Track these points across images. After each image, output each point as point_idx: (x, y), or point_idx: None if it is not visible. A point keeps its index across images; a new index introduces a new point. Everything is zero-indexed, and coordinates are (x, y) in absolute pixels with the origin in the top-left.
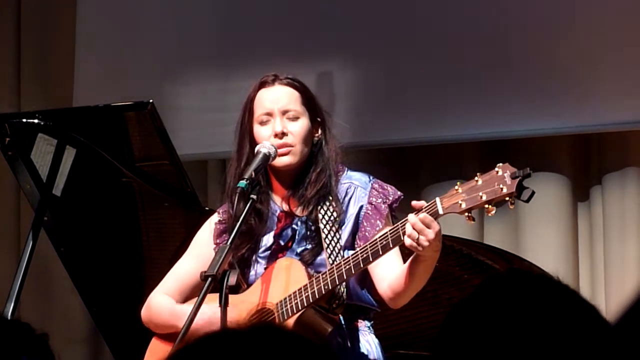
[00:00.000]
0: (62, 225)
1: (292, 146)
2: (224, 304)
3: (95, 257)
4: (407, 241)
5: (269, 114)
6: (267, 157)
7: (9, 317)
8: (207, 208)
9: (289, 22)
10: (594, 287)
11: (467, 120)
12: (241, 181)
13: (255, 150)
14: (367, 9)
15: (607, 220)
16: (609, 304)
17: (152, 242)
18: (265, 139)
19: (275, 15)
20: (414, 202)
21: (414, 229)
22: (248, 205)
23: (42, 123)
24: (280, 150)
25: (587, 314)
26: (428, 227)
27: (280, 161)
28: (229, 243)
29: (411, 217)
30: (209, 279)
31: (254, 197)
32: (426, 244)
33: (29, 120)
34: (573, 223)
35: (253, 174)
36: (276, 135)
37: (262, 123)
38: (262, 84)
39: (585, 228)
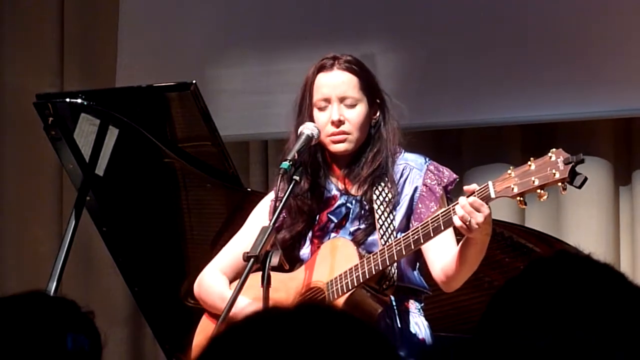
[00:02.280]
0: (104, 205)
1: (349, 134)
2: (266, 285)
3: (137, 238)
4: (457, 223)
5: (327, 100)
6: (309, 139)
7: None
8: (249, 189)
9: (332, 4)
10: (635, 270)
11: (510, 104)
12: (284, 162)
13: (298, 132)
14: None
15: None
16: None
17: (193, 223)
18: (322, 125)
19: None
20: (466, 187)
21: (464, 211)
22: (290, 186)
23: (85, 103)
24: (336, 138)
25: (635, 296)
26: (478, 210)
27: (335, 148)
28: (271, 224)
29: (462, 199)
30: (252, 259)
31: (297, 178)
32: (475, 227)
33: (72, 100)
34: (614, 207)
35: (296, 155)
36: (333, 123)
37: (320, 109)
38: (321, 68)
39: (627, 212)
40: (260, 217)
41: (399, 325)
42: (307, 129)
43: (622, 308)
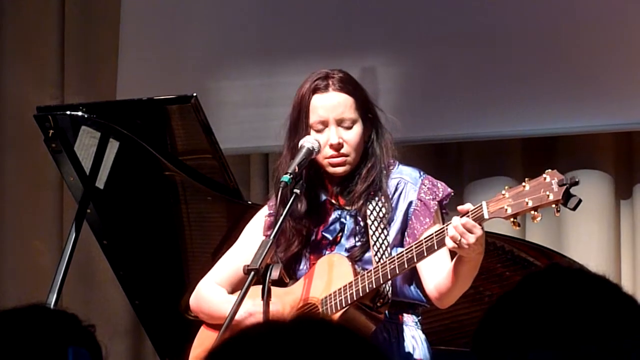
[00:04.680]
0: (104, 218)
1: (348, 156)
2: (266, 298)
3: (138, 250)
4: (449, 243)
5: (324, 123)
6: (310, 152)
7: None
8: (249, 202)
9: (333, 17)
10: (636, 284)
11: (511, 117)
12: (285, 176)
13: (299, 145)
14: (410, 4)
15: None
16: None
17: (194, 236)
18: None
19: (319, 10)
20: (460, 207)
21: (456, 231)
22: (291, 200)
23: (85, 115)
24: (335, 161)
25: (628, 306)
26: (470, 231)
27: (334, 171)
28: (271, 237)
29: (455, 220)
30: (252, 272)
31: (297, 191)
32: (466, 247)
33: (72, 113)
34: (615, 221)
35: (296, 168)
36: (332, 147)
37: (317, 131)
38: (316, 89)
39: (628, 226)
40: (254, 232)
41: (396, 339)
42: (307, 142)
43: (615, 319)
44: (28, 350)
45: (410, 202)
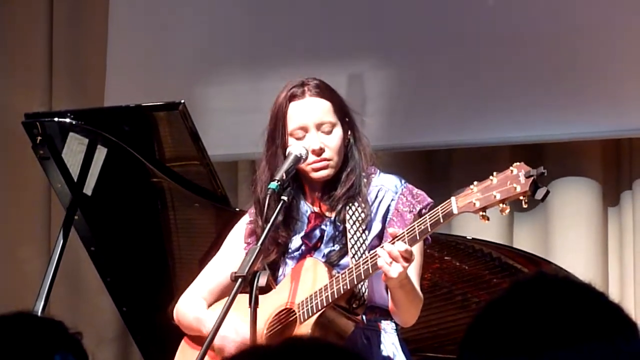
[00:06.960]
0: (92, 224)
1: (330, 160)
2: (253, 305)
3: (125, 257)
4: (381, 262)
5: (304, 129)
6: (298, 159)
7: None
8: (237, 209)
9: (320, 23)
10: (624, 291)
11: (499, 124)
12: (272, 182)
13: (287, 152)
14: (398, 10)
15: (637, 225)
16: (639, 307)
17: (182, 243)
18: None
19: (307, 16)
20: (390, 231)
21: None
22: (279, 206)
23: (73, 122)
24: (318, 165)
25: (613, 315)
26: (396, 260)
27: (318, 175)
28: (259, 244)
29: (387, 245)
30: (239, 279)
31: (285, 198)
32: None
33: (60, 120)
34: (603, 228)
35: (284, 175)
36: (314, 152)
37: (298, 138)
38: (292, 97)
39: (615, 233)
40: (235, 241)
41: (377, 346)
42: (295, 149)
43: (601, 327)
44: (15, 357)
45: (389, 208)
